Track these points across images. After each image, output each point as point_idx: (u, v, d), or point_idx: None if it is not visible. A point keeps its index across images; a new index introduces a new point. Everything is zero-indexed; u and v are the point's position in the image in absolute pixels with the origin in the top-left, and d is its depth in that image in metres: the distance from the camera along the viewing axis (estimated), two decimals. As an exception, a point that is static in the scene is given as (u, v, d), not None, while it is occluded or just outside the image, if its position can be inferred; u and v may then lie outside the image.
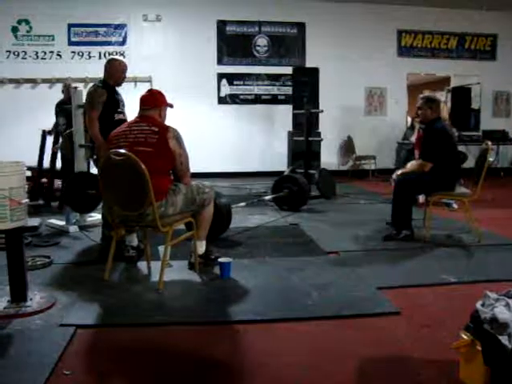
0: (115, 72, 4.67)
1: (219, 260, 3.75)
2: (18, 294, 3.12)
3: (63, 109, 6.54)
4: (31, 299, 3.15)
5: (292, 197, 6.50)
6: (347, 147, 11.07)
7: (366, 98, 11.25)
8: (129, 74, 9.76)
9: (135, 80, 9.95)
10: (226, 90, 10.67)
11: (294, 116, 8.81)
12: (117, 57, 5.17)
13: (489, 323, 2.09)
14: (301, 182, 6.57)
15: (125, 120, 4.35)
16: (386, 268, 4.02)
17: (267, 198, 6.67)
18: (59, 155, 6.36)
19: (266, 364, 2.43)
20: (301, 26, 10.84)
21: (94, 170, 5.19)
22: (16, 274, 3.12)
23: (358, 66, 10.85)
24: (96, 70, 9.65)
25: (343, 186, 8.81)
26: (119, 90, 4.75)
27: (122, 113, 4.65)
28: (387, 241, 4.81)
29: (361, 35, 10.83)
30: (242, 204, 6.04)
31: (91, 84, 4.88)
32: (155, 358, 2.53)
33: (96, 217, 5.51)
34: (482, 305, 2.22)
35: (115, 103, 4.62)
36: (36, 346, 2.61)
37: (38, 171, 6.63)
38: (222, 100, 10.69)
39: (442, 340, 2.60)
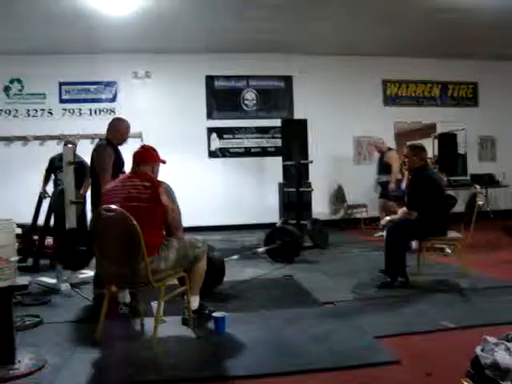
0: (124, 133, 4.68)
1: (213, 315, 3.69)
2: (6, 356, 3.03)
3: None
4: (19, 361, 3.05)
5: (285, 248, 6.47)
6: (338, 196, 11.11)
7: (354, 147, 11.38)
8: (119, 130, 9.86)
9: (126, 136, 10.02)
10: (216, 143, 10.77)
11: (284, 167, 8.86)
12: (121, 116, 5.09)
13: (490, 369, 2.05)
14: (293, 233, 6.56)
15: None
16: (382, 316, 3.97)
17: (260, 250, 6.63)
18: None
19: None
20: (287, 79, 11.06)
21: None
22: (3, 335, 3.04)
23: (345, 116, 11.04)
24: (86, 126, 9.86)
25: (336, 235, 8.79)
26: None
27: (124, 172, 4.42)
28: (382, 288, 4.77)
29: (347, 86, 11.07)
30: (235, 257, 6.00)
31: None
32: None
33: (88, 274, 5.43)
34: (482, 350, 2.19)
35: (121, 163, 4.54)
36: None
37: (29, 229, 6.58)
38: (212, 154, 10.77)
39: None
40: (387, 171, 8.77)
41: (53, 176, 6.95)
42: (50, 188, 6.91)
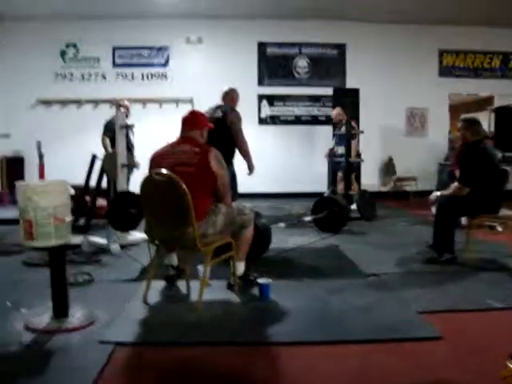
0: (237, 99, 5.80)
1: (258, 281, 3.74)
2: (60, 309, 3.18)
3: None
4: (72, 316, 3.21)
5: (332, 218, 6.45)
6: (388, 168, 10.96)
7: (407, 119, 11.12)
8: (171, 94, 10.02)
9: (177, 101, 10.13)
10: (267, 110, 10.73)
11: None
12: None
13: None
14: (341, 203, 6.52)
15: None
16: (427, 291, 3.91)
17: (307, 218, 6.62)
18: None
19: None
20: (341, 47, 10.85)
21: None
22: (58, 291, 3.18)
23: (398, 87, 10.77)
24: (138, 90, 9.99)
25: (383, 207, 8.71)
26: None
27: None
28: (429, 264, 4.72)
29: (401, 55, 10.78)
30: (282, 225, 6.03)
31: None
32: (192, 378, 2.53)
33: (137, 235, 5.58)
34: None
35: None
36: (76, 361, 2.65)
37: (82, 190, 6.76)
38: (262, 121, 10.75)
39: (487, 368, 2.51)
40: None
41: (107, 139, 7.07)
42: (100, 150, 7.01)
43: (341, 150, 8.02)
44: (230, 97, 5.85)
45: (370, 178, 10.32)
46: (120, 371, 2.60)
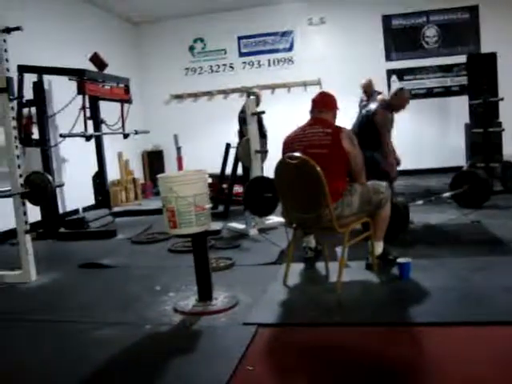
0: (403, 102, 5.25)
1: (398, 260, 3.64)
2: (205, 293, 3.34)
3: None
4: (216, 299, 3.35)
5: (473, 193, 6.09)
6: (533, 136, 10.10)
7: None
8: (298, 78, 10.04)
9: (305, 84, 10.11)
10: (397, 85, 10.32)
11: (471, 107, 8.29)
12: (405, 88, 5.54)
13: None
14: (482, 176, 6.15)
15: None
16: None
17: (446, 194, 6.31)
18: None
19: (445, 372, 2.28)
20: (473, 10, 10.11)
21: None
22: (202, 275, 3.34)
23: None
24: (265, 77, 10.12)
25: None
26: None
27: None
28: None
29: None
30: (420, 202, 5.81)
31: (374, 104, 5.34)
32: (334, 358, 2.52)
33: (274, 219, 5.67)
34: None
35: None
36: (222, 342, 2.77)
37: (218, 178, 7.02)
38: (392, 97, 10.39)
39: None
40: None
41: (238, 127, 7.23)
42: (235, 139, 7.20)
43: None
44: (396, 97, 5.30)
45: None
46: (263, 351, 2.67)
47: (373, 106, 5.28)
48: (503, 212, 5.81)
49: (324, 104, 3.73)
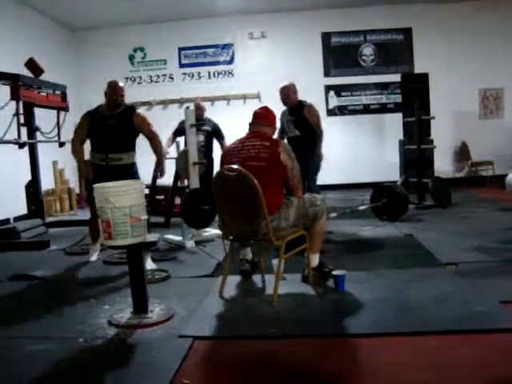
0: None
1: (333, 273, 3.70)
2: (140, 305, 3.28)
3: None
4: (152, 311, 3.30)
5: (390, 206, 6.39)
6: (462, 153, 10.56)
7: (480, 101, 10.65)
8: (238, 91, 10.08)
9: (244, 97, 10.21)
10: (334, 101, 10.59)
11: (405, 124, 8.58)
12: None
13: None
14: (398, 191, 6.46)
15: None
16: (510, 280, 3.72)
17: (361, 208, 6.55)
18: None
19: (381, 381, 2.34)
20: (407, 32, 10.53)
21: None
22: (137, 287, 3.28)
23: (469, 68, 10.23)
24: (205, 89, 10.12)
25: (459, 194, 8.38)
26: None
27: None
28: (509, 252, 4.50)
29: (471, 35, 10.20)
30: (333, 214, 5.93)
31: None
32: (270, 371, 2.53)
33: (212, 231, 5.65)
34: None
35: None
36: (157, 355, 2.72)
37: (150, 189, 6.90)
38: (330, 112, 10.61)
39: None
40: None
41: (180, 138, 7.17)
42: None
43: None
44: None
45: (443, 165, 9.99)
46: (199, 364, 2.65)
47: None
48: (433, 225, 6.03)
49: (265, 118, 3.78)
